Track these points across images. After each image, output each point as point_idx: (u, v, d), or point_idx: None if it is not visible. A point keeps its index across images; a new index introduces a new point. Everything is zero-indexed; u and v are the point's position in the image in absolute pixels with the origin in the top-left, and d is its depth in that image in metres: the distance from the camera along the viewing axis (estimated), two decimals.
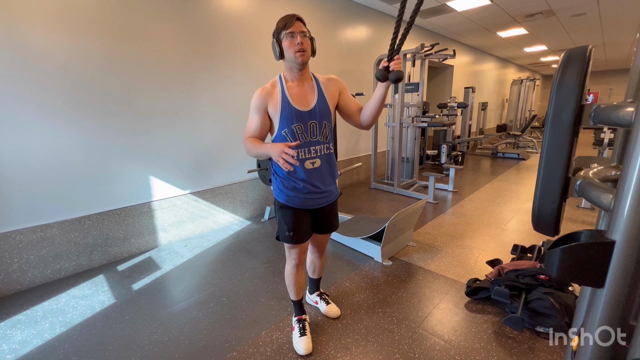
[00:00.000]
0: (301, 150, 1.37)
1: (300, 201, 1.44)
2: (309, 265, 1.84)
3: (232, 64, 3.13)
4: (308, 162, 1.39)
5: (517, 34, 6.49)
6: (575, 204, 3.76)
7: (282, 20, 1.31)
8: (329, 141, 1.44)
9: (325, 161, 1.44)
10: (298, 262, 1.60)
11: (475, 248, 2.70)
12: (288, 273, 1.65)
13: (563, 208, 0.68)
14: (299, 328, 1.67)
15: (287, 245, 1.54)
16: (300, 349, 1.60)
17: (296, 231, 1.47)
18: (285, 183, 1.42)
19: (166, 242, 2.91)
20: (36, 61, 2.09)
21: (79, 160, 2.35)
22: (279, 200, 1.47)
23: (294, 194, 1.43)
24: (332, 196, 1.54)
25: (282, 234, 1.50)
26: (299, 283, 1.65)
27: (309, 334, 1.66)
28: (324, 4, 3.96)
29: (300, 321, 1.69)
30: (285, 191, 1.43)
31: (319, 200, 1.48)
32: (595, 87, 13.50)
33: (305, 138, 1.37)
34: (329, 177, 1.48)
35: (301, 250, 1.56)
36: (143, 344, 1.69)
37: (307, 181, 1.41)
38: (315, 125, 1.38)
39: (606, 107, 0.60)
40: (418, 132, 5.01)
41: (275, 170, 1.45)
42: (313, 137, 1.38)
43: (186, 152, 2.92)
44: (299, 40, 1.28)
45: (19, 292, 2.20)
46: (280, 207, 1.47)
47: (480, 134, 8.45)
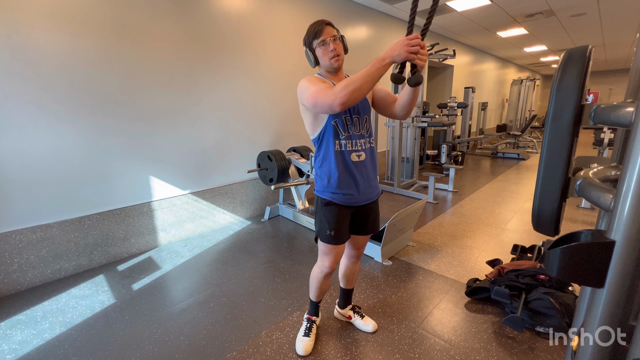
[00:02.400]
0: (348, 142, 1.37)
1: (346, 198, 1.42)
2: (343, 272, 1.73)
3: (232, 65, 3.13)
4: (354, 155, 1.38)
5: (517, 34, 6.49)
6: (575, 204, 3.76)
7: (313, 28, 1.32)
8: (371, 135, 1.45)
9: (369, 155, 1.44)
10: (329, 272, 1.52)
11: (475, 248, 2.70)
12: (315, 277, 1.58)
13: (563, 208, 0.68)
14: (306, 327, 1.66)
15: (325, 248, 1.48)
16: (299, 349, 1.60)
17: (337, 230, 1.43)
18: (332, 179, 1.40)
19: (166, 242, 2.91)
20: (36, 61, 2.09)
21: (79, 160, 2.35)
22: (324, 197, 1.43)
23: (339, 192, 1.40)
24: (375, 192, 1.51)
25: (322, 233, 1.45)
26: (322, 289, 1.61)
27: (313, 336, 1.64)
28: (324, 4, 3.96)
29: (309, 320, 1.68)
30: (331, 188, 1.41)
31: (362, 198, 1.45)
32: (595, 87, 13.50)
33: (352, 131, 1.38)
34: (372, 171, 1.46)
35: (336, 257, 1.50)
36: (143, 344, 1.69)
37: (353, 175, 1.39)
38: (358, 120, 1.39)
39: (606, 107, 0.60)
40: (418, 132, 5.01)
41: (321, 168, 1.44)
42: (357, 131, 1.39)
43: (186, 152, 2.92)
44: (332, 47, 1.31)
45: (19, 292, 2.20)
46: (325, 204, 1.43)
47: (480, 134, 8.45)
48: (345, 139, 1.37)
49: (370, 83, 1.13)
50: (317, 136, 1.41)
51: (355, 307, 1.82)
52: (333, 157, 1.37)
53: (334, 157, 1.37)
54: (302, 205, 3.37)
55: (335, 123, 1.35)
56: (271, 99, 3.54)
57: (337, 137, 1.36)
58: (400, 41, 1.08)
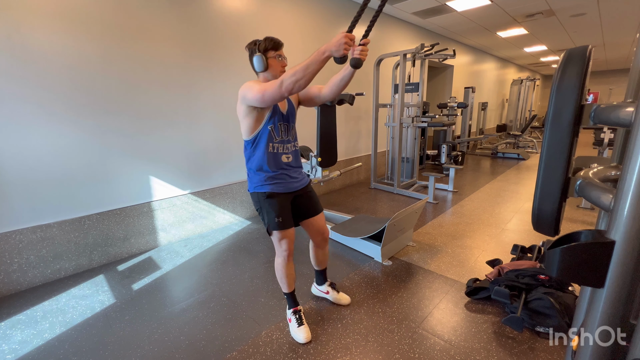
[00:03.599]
0: (280, 146, 1.60)
1: (283, 187, 1.63)
2: (314, 258, 1.93)
3: (231, 65, 3.13)
4: (284, 157, 1.62)
5: (517, 34, 6.49)
6: (575, 204, 3.76)
7: (272, 41, 1.51)
8: (295, 139, 1.70)
9: (294, 157, 1.69)
10: (288, 253, 1.68)
11: (475, 248, 2.70)
12: (279, 266, 1.72)
13: (563, 208, 0.68)
14: (296, 319, 1.74)
15: (278, 235, 1.62)
16: (300, 338, 1.68)
17: (283, 216, 1.60)
18: (267, 177, 1.60)
19: (166, 242, 2.91)
20: (36, 61, 2.09)
21: (79, 160, 2.35)
22: (263, 191, 1.60)
23: (275, 182, 1.61)
24: (305, 180, 1.75)
25: (271, 223, 1.60)
26: (290, 275, 1.73)
27: (306, 322, 1.74)
28: (324, 4, 3.96)
29: (296, 312, 1.76)
30: (268, 182, 1.60)
31: (296, 184, 1.68)
32: (595, 87, 13.49)
33: (283, 136, 1.60)
34: (298, 170, 1.71)
35: (290, 242, 1.66)
36: (143, 344, 1.69)
37: (285, 173, 1.63)
38: (287, 127, 1.62)
39: (606, 107, 0.60)
40: (418, 132, 5.01)
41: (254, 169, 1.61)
42: (286, 136, 1.62)
43: (186, 152, 2.92)
44: (285, 63, 1.57)
45: (19, 292, 2.20)
46: (267, 197, 1.60)
47: (480, 134, 8.45)
48: (278, 143, 1.59)
49: (312, 73, 1.29)
50: (252, 138, 1.57)
51: (332, 284, 2.02)
52: (266, 157, 1.57)
53: (267, 157, 1.57)
54: None
55: (271, 128, 1.55)
56: None
57: (271, 140, 1.57)
58: (339, 37, 1.23)
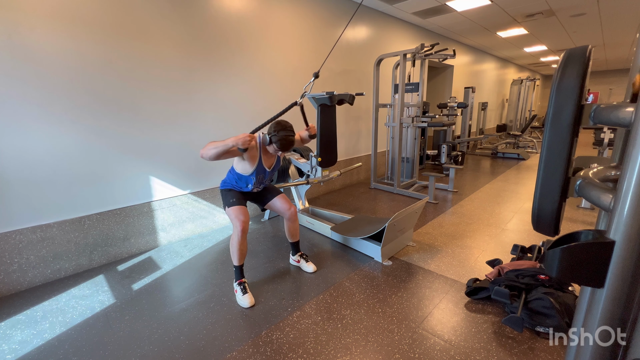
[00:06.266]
0: (255, 187, 2.14)
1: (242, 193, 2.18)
2: (288, 231, 2.34)
3: (231, 66, 3.13)
4: (255, 189, 2.17)
5: (517, 34, 6.49)
6: (575, 204, 3.76)
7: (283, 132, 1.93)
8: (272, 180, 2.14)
9: (263, 187, 2.27)
10: (243, 228, 1.96)
11: (475, 248, 2.70)
12: (234, 242, 1.99)
13: (563, 208, 0.68)
14: (241, 289, 2.02)
15: (232, 212, 2.00)
16: (245, 304, 1.97)
17: (237, 197, 2.08)
18: (235, 187, 2.14)
19: (166, 242, 2.91)
20: (36, 62, 2.09)
21: (78, 160, 2.35)
22: (228, 188, 2.14)
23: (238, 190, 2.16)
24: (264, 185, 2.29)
25: (227, 201, 2.07)
26: (242, 250, 2.02)
27: (249, 291, 2.04)
28: (324, 4, 3.96)
29: (241, 284, 2.05)
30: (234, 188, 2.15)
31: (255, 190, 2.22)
32: (595, 87, 13.50)
33: (259, 182, 2.14)
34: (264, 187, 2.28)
35: (244, 219, 1.98)
36: (143, 344, 1.69)
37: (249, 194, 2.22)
38: (264, 177, 2.13)
39: (606, 107, 0.60)
40: (418, 132, 5.01)
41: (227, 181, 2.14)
42: (262, 182, 2.16)
43: (186, 152, 2.92)
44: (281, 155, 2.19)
45: (19, 292, 2.20)
46: (229, 190, 2.13)
47: (480, 134, 8.45)
48: (254, 185, 2.11)
49: (216, 155, 1.80)
50: (238, 173, 2.06)
51: (302, 255, 2.43)
52: (240, 185, 2.12)
53: (241, 186, 2.12)
54: (302, 205, 3.38)
55: (252, 178, 2.05)
56: (270, 99, 3.54)
57: (249, 182, 2.08)
58: (244, 136, 1.79)
